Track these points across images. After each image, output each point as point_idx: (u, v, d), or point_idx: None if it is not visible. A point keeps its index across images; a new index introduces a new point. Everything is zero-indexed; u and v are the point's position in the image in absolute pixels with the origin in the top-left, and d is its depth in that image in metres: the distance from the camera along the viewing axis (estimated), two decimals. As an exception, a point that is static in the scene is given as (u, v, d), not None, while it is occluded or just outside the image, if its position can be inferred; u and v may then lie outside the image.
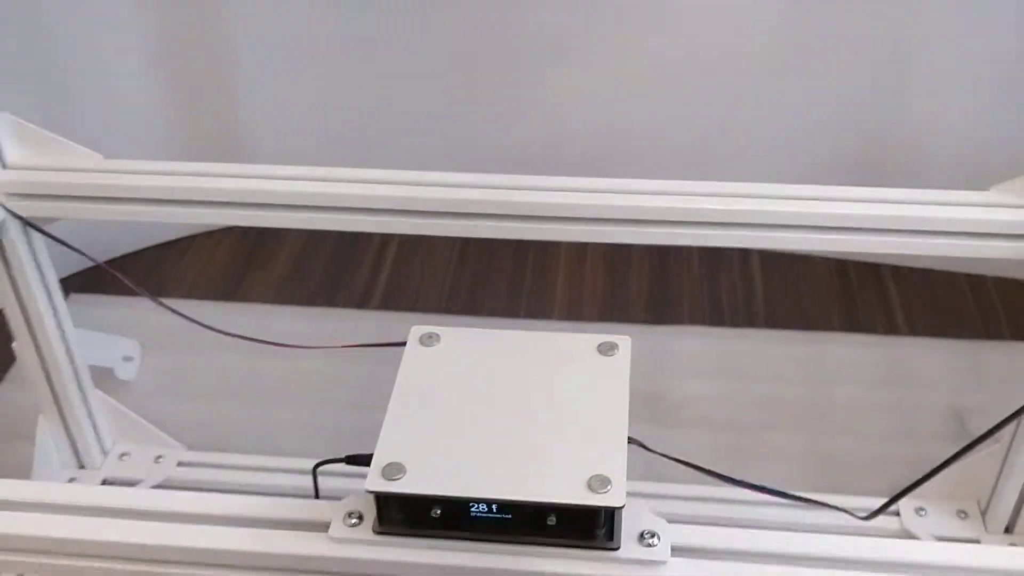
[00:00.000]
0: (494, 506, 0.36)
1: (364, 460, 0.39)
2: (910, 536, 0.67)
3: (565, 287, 0.95)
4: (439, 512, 0.37)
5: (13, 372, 0.85)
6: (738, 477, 0.74)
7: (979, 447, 0.56)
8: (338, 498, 0.39)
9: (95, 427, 0.72)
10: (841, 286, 0.94)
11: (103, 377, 0.79)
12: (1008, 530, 0.67)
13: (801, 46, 0.90)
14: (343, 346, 0.51)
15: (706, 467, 0.51)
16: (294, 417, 0.81)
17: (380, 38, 0.92)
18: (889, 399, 0.83)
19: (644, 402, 0.83)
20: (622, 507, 0.36)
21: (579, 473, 0.36)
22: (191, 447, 0.75)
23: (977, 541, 0.67)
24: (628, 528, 0.37)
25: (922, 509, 0.68)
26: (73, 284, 0.87)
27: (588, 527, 0.36)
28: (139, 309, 0.87)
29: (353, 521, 0.38)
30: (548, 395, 0.40)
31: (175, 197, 0.59)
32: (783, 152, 0.95)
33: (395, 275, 0.97)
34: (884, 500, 0.67)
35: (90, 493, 0.42)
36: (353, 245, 1.01)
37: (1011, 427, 0.63)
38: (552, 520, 0.36)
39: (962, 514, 0.68)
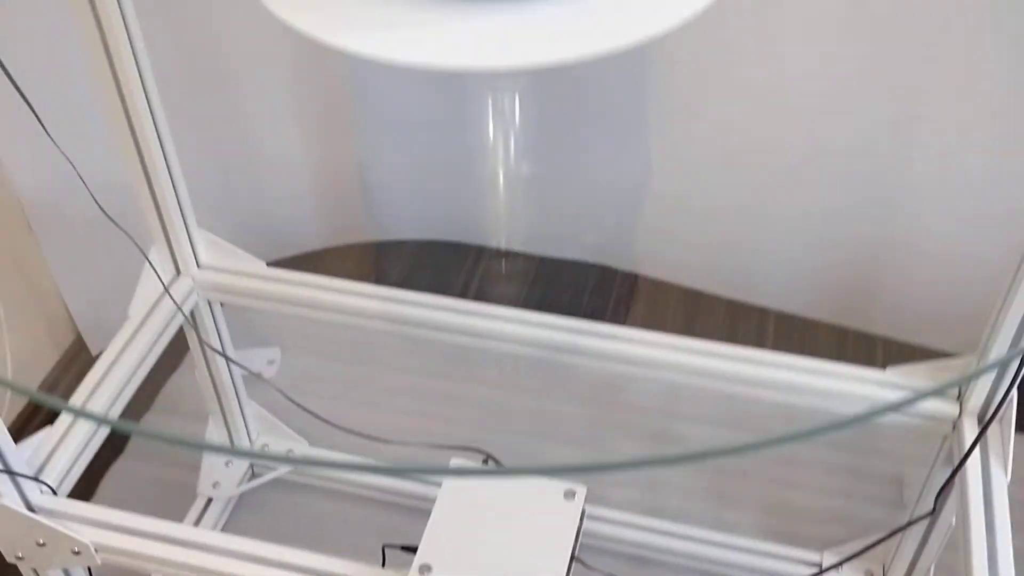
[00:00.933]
0: (480, 599, 0.61)
1: (412, 550, 0.65)
2: (828, 586, 0.91)
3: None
4: (448, 595, 0.62)
5: (186, 362, 1.13)
6: (708, 514, 0.98)
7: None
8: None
9: (246, 424, 1.01)
10: (839, 354, 1.14)
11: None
12: (900, 591, 0.89)
13: (801, 190, 1.10)
14: (416, 444, 0.76)
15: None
16: (396, 417, 1.08)
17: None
18: (852, 463, 1.04)
19: (660, 428, 1.07)
20: (554, 611, 0.60)
21: (532, 586, 0.61)
22: (312, 443, 1.03)
23: (874, 598, 0.89)
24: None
25: (840, 566, 0.91)
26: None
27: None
28: (281, 315, 1.15)
29: (401, 588, 0.64)
30: (525, 527, 0.64)
31: (302, 302, 0.85)
32: (781, 277, 1.17)
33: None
34: (818, 553, 0.91)
35: (226, 540, 0.69)
36: (453, 267, 1.26)
37: (912, 502, 0.84)
38: (513, 610, 0.61)
39: (868, 573, 0.90)
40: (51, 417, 0.74)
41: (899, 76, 0.97)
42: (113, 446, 1.05)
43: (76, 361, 1.13)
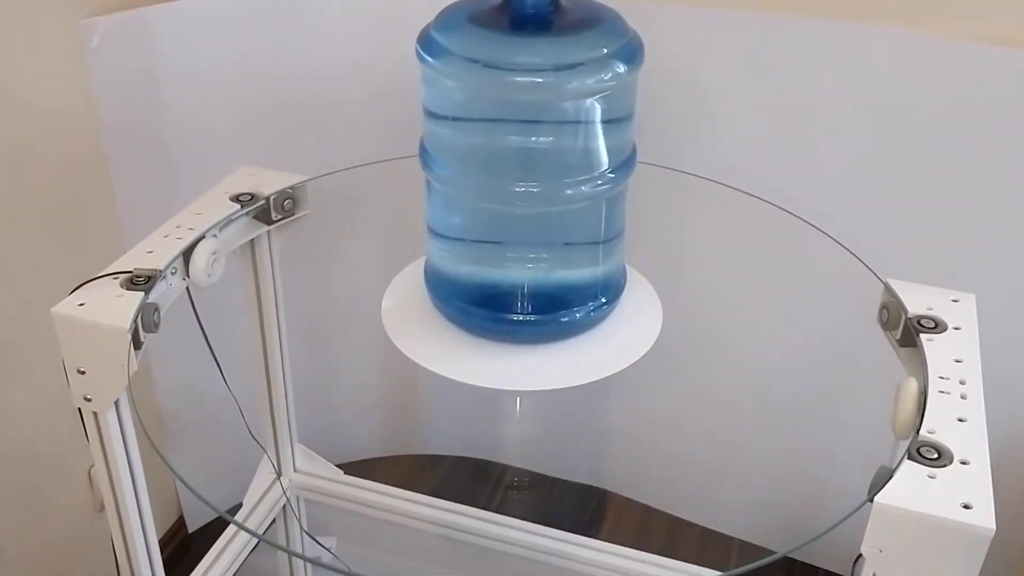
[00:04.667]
0: None
1: None
2: None
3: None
4: None
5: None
6: None
7: None
8: None
9: (308, 597, 1.28)
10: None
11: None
12: None
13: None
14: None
15: None
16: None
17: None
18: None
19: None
20: None
21: None
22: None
23: None
24: None
25: None
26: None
27: None
28: (340, 512, 1.44)
29: None
30: None
31: (367, 503, 1.14)
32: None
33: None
34: None
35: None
36: (480, 480, 1.56)
37: None
38: None
39: None
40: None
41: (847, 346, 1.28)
42: None
43: (177, 535, 1.42)
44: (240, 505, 1.12)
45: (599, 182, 0.71)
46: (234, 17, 1.16)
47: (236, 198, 0.93)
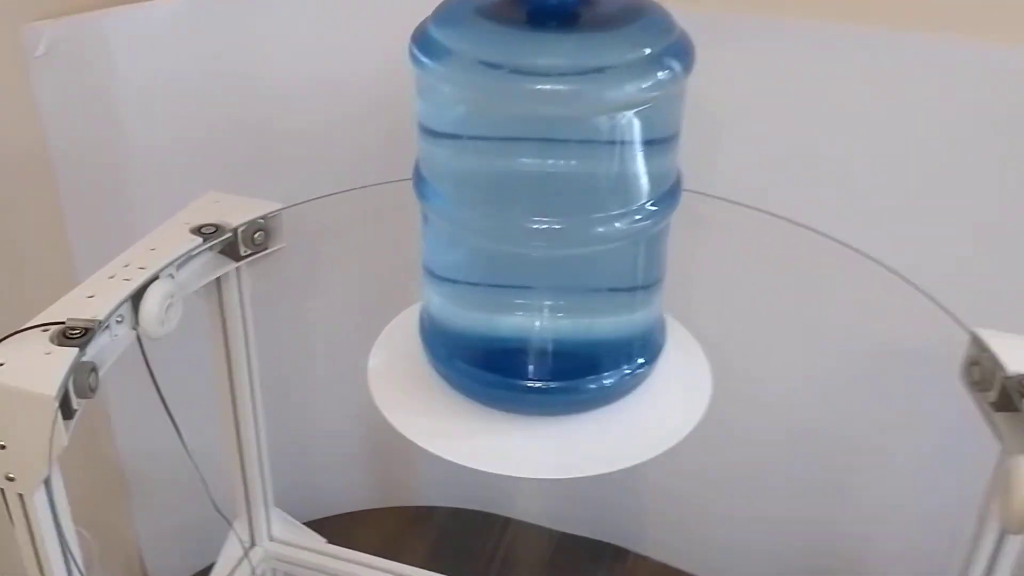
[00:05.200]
0: None
1: None
2: None
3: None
4: None
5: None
6: None
7: None
8: None
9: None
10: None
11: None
12: None
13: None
14: None
15: None
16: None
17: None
18: None
19: None
20: None
21: None
22: None
23: None
24: None
25: None
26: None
27: None
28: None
29: None
30: None
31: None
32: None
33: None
34: None
35: None
36: (479, 536, 1.41)
37: None
38: None
39: None
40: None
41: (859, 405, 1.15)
42: None
43: (141, 603, 1.27)
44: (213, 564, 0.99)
45: (637, 217, 0.57)
46: (200, 24, 1.02)
47: (198, 230, 0.79)
